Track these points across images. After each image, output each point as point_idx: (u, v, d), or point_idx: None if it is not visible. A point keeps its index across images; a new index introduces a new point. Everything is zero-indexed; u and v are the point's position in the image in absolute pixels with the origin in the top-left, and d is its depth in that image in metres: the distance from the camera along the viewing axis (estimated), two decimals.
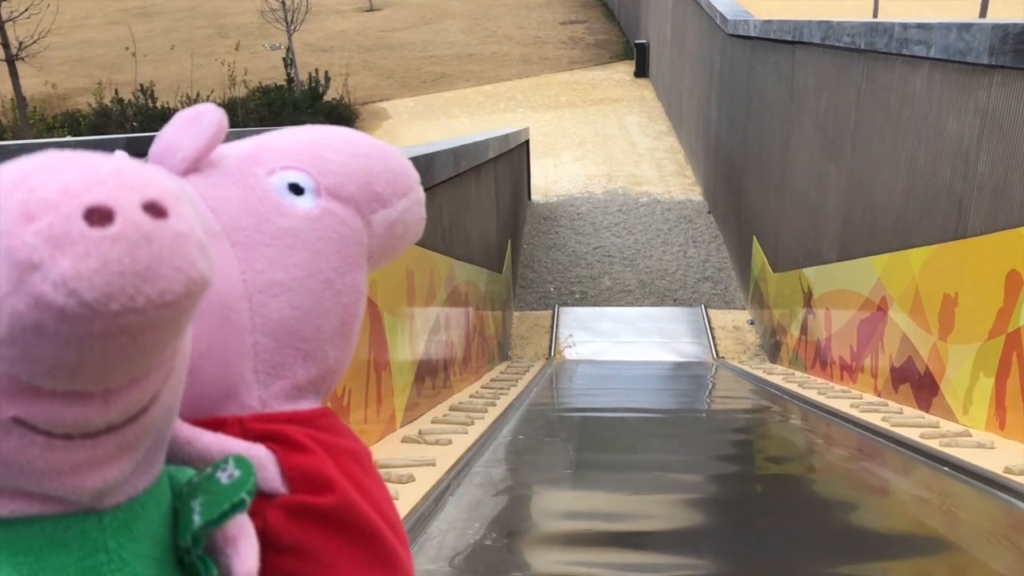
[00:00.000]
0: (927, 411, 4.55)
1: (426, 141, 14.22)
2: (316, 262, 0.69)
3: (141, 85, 17.60)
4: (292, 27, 19.43)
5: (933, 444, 3.68)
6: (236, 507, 0.55)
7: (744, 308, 10.11)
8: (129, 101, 17.32)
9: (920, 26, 4.70)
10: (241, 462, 0.58)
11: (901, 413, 4.62)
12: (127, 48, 20.29)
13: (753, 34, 9.14)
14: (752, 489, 3.73)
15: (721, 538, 2.75)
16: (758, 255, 9.33)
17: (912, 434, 3.92)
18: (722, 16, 10.69)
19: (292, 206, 0.70)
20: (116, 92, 17.55)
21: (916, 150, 4.88)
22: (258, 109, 17.31)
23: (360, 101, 19.52)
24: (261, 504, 0.63)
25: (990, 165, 3.98)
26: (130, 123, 16.33)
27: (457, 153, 5.99)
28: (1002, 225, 3.84)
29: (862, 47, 5.70)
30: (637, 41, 21.37)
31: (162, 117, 16.69)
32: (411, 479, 2.96)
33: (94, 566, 0.52)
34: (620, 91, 20.16)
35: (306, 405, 0.71)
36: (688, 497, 3.39)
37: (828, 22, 6.47)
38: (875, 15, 8.77)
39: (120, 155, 0.47)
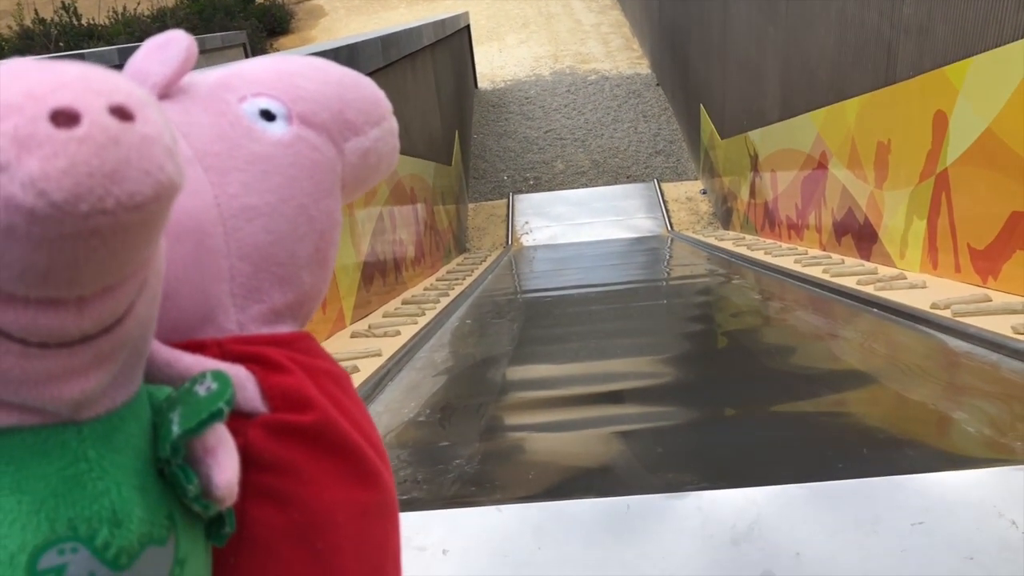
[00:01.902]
0: (868, 259, 4.64)
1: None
2: (290, 188, 0.69)
3: (63, 2, 16.78)
4: None
5: (868, 289, 3.77)
6: (214, 416, 0.56)
7: (696, 178, 10.13)
8: (52, 20, 16.55)
9: None
10: (219, 375, 0.58)
11: (842, 264, 4.72)
12: None
13: None
14: (699, 345, 3.82)
15: (660, 390, 2.83)
16: (706, 123, 9.29)
17: (850, 282, 4.02)
18: None
19: (264, 132, 0.70)
20: (36, 12, 16.75)
21: None
22: (188, 18, 16.62)
23: (294, 0, 18.79)
24: (242, 423, 0.64)
25: (914, 6, 3.94)
26: (55, 43, 15.65)
27: (386, 42, 5.82)
28: (928, 66, 3.83)
29: None
30: None
31: (88, 35, 16.10)
32: (355, 370, 2.99)
33: (75, 475, 0.53)
34: None
35: (284, 329, 0.71)
36: (640, 359, 3.47)
37: None
38: None
39: (85, 64, 0.47)
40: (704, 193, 9.69)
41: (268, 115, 0.71)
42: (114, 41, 14.88)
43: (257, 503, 0.63)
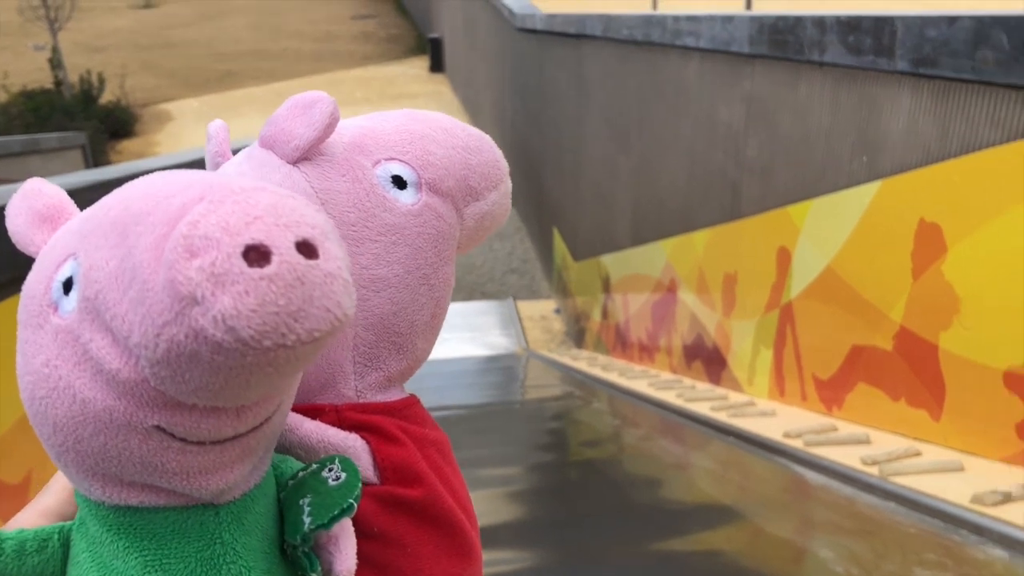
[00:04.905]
0: (717, 384, 4.79)
1: None
2: (415, 258, 0.70)
3: None
4: (56, 25, 17.94)
5: (722, 416, 3.87)
6: (345, 512, 0.58)
7: (550, 298, 10.34)
8: None
9: (690, 18, 4.92)
10: (347, 464, 0.60)
11: (694, 388, 4.84)
12: None
13: (540, 28, 9.32)
14: (559, 477, 3.77)
15: (520, 528, 2.74)
16: (559, 245, 9.56)
17: (703, 408, 4.11)
18: (509, 10, 10.84)
19: (396, 201, 0.70)
20: None
21: (694, 138, 5.12)
22: (23, 115, 15.84)
23: (140, 103, 18.34)
24: None
25: (757, 150, 4.23)
26: None
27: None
28: (770, 205, 4.08)
29: (640, 39, 5.92)
30: (431, 36, 21.37)
31: None
32: None
33: (211, 557, 0.56)
34: (417, 86, 20.10)
35: (394, 395, 0.72)
36: (497, 491, 3.37)
37: (609, 16, 6.68)
38: (655, 7, 9.19)
39: (272, 187, 0.49)
40: (558, 312, 9.88)
41: (399, 181, 0.71)
42: None
43: (360, 571, 0.64)
